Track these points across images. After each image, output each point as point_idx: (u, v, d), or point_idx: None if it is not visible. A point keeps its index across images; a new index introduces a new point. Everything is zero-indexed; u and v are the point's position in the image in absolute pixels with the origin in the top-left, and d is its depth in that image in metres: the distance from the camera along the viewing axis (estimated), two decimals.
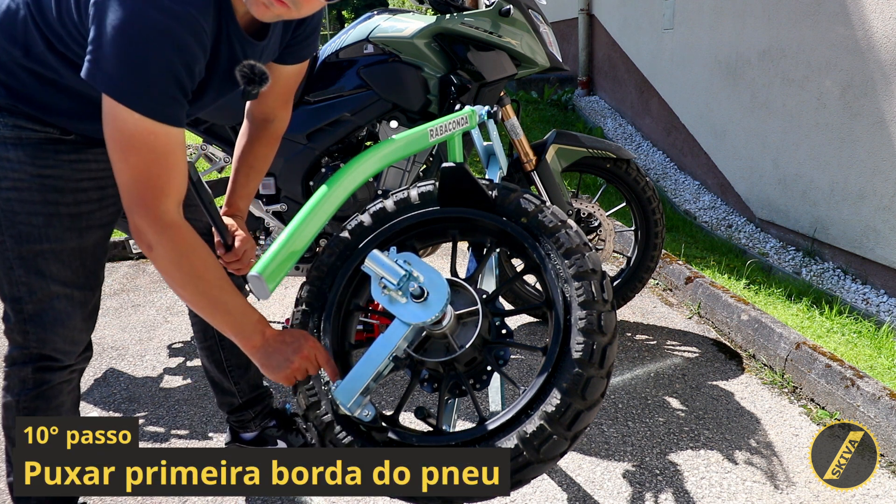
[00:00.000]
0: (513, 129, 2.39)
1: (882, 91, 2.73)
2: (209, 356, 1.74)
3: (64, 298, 1.37)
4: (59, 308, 1.37)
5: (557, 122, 5.77)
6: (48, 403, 1.43)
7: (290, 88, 1.53)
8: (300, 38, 1.41)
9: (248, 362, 1.75)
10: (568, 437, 1.11)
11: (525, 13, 2.28)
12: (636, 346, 2.53)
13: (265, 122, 1.52)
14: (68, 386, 1.47)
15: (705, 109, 4.20)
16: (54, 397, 1.43)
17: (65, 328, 1.39)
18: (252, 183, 1.56)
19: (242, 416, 1.80)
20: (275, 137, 1.56)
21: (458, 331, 1.22)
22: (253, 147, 1.53)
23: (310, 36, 1.43)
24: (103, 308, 2.93)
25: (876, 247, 2.86)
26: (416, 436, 1.21)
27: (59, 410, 1.45)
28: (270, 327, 1.23)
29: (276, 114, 1.53)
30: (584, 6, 6.18)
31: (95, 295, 1.45)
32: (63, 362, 1.42)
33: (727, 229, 3.79)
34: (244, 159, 1.54)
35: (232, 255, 1.47)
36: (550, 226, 1.25)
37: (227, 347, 1.72)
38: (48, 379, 1.42)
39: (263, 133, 1.53)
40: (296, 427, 1.86)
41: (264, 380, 1.83)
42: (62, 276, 1.35)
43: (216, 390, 1.79)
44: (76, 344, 1.43)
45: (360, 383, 1.16)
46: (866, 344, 2.38)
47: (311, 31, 1.43)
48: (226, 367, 1.74)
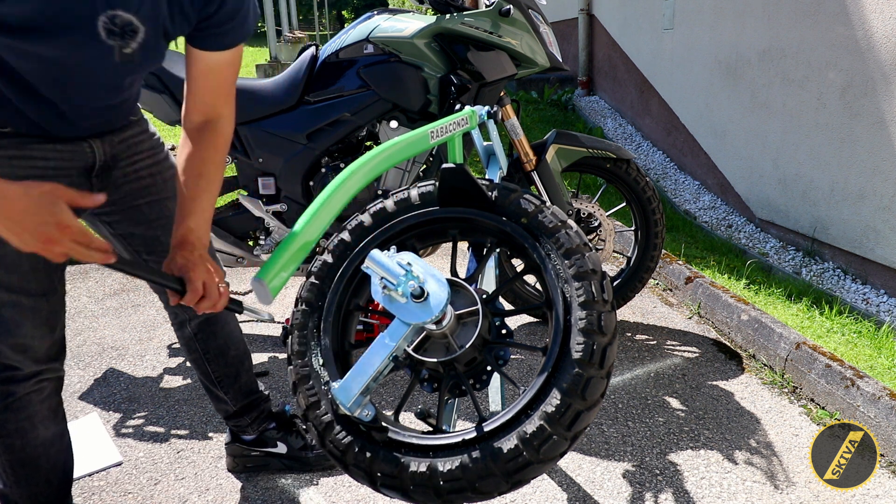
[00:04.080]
0: (513, 129, 2.39)
1: (882, 91, 2.73)
2: (196, 368, 1.71)
3: (10, 305, 1.27)
4: (5, 316, 1.27)
5: (557, 122, 5.77)
6: (17, 416, 1.35)
7: (226, 80, 1.34)
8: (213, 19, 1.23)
9: (236, 371, 1.72)
10: (568, 438, 1.11)
11: (525, 13, 2.28)
12: (636, 346, 2.53)
13: (208, 124, 1.34)
14: (38, 396, 1.38)
15: (705, 109, 4.20)
16: (22, 409, 1.36)
17: (12, 336, 1.29)
18: (204, 196, 1.31)
19: (239, 422, 1.78)
20: (223, 139, 1.36)
21: (458, 331, 1.22)
22: (199, 151, 1.32)
23: (226, 21, 1.25)
24: (103, 308, 2.93)
25: (876, 247, 2.86)
26: None
27: (32, 422, 1.38)
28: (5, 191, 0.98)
29: (217, 111, 1.35)
30: (584, 6, 6.18)
31: (50, 302, 1.33)
32: (23, 370, 1.33)
33: (727, 229, 3.79)
34: (190, 167, 1.31)
35: (191, 295, 1.23)
36: (550, 226, 1.25)
37: (211, 359, 1.69)
38: (12, 391, 1.33)
39: (208, 135, 1.34)
40: (296, 429, 1.85)
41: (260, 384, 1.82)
42: (7, 281, 1.26)
43: (210, 397, 1.77)
44: (26, 351, 1.32)
45: (359, 383, 1.17)
46: (866, 344, 2.38)
47: (227, 16, 1.24)
48: (213, 378, 1.71)
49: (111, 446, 1.98)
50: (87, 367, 2.45)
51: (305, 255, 1.21)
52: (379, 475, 1.14)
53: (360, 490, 1.77)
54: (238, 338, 1.73)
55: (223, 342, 1.69)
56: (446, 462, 1.11)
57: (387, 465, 1.14)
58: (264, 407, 1.81)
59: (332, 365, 1.26)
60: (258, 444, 1.82)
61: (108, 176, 1.40)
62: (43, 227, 0.99)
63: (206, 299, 1.25)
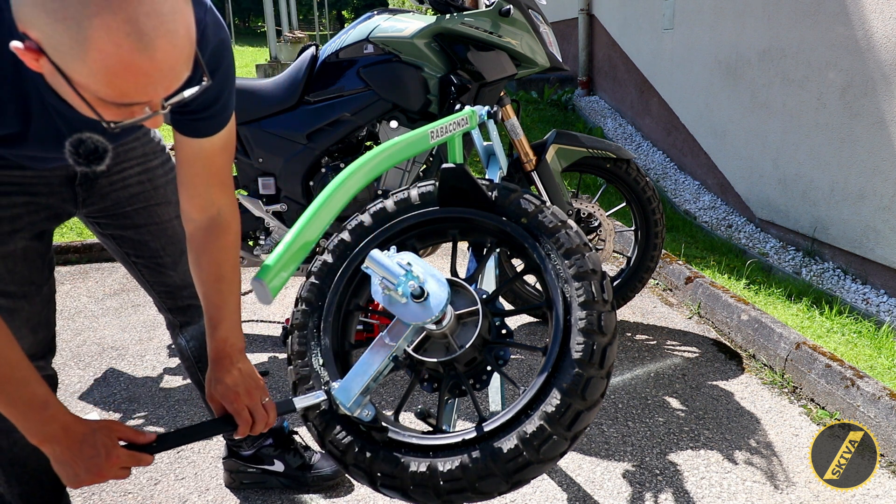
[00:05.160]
0: (513, 129, 2.39)
1: (882, 91, 2.73)
2: (190, 376, 1.66)
3: None
4: None
5: (557, 122, 5.77)
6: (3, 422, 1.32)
7: (219, 168, 1.23)
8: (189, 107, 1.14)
9: None
10: (568, 438, 1.11)
11: (525, 13, 2.28)
12: (636, 346, 2.53)
13: (210, 220, 1.24)
14: None
15: (705, 109, 4.20)
16: None
17: None
18: (230, 299, 1.24)
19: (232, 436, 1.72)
20: (232, 235, 1.26)
21: (458, 331, 1.22)
22: (212, 255, 1.23)
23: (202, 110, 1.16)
24: (103, 308, 2.93)
25: (876, 247, 2.86)
26: None
27: None
28: (70, 429, 1.04)
29: (215, 203, 1.23)
30: (584, 6, 6.18)
31: (31, 303, 1.29)
32: None
33: (727, 229, 3.79)
34: (207, 274, 1.23)
35: (243, 428, 1.18)
36: (550, 226, 1.25)
37: (204, 368, 1.61)
38: None
39: (216, 236, 1.24)
40: (293, 446, 1.79)
41: None
42: None
43: (206, 407, 1.71)
44: None
45: (359, 383, 1.16)
46: (866, 344, 2.38)
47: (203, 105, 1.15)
48: None
49: None
50: (87, 367, 2.45)
51: (305, 255, 1.21)
52: (379, 475, 1.14)
53: (360, 490, 1.77)
54: None
55: None
56: (446, 462, 1.11)
57: (387, 465, 1.14)
58: None
59: (332, 365, 1.26)
60: (255, 460, 1.76)
61: (94, 184, 1.36)
62: (95, 459, 1.05)
63: (257, 423, 1.20)
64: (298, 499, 1.75)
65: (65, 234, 3.66)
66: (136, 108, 0.88)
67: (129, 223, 1.43)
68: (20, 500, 1.42)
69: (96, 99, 0.84)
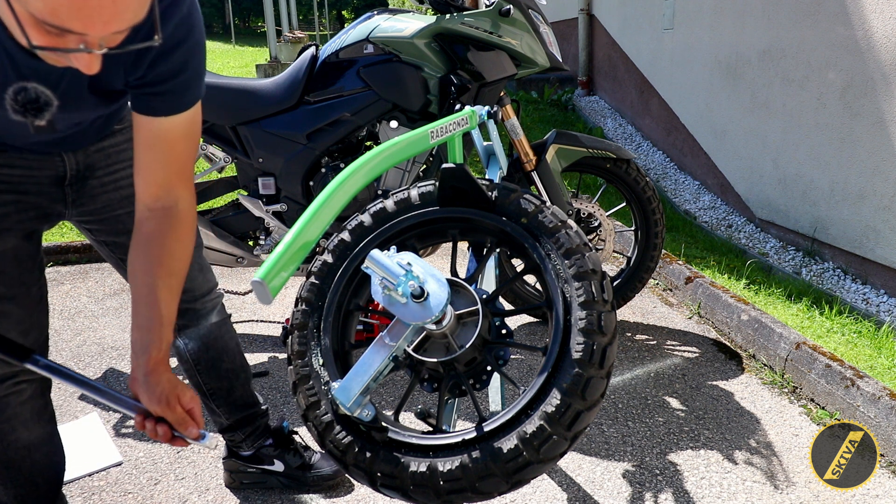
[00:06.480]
0: (513, 129, 2.39)
1: (882, 91, 2.74)
2: (189, 378, 1.65)
3: None
4: None
5: (557, 122, 5.77)
6: None
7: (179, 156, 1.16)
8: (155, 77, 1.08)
9: (230, 385, 1.65)
10: (568, 438, 1.11)
11: (525, 13, 2.28)
12: (636, 346, 2.53)
13: (164, 210, 1.17)
14: (18, 398, 1.33)
15: (705, 109, 4.20)
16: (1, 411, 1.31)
17: None
18: (176, 301, 1.17)
19: (233, 436, 1.72)
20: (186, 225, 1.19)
21: (458, 331, 1.22)
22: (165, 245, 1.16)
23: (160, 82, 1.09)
24: (103, 308, 2.93)
25: (876, 247, 2.86)
26: None
27: (12, 424, 1.34)
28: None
29: (173, 193, 1.17)
30: (584, 6, 6.18)
31: (19, 305, 1.27)
32: None
33: (727, 229, 3.79)
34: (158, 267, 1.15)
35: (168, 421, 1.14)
36: (550, 226, 1.25)
37: (203, 371, 1.62)
38: None
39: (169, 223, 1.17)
40: (293, 446, 1.77)
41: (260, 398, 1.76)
42: None
43: (205, 408, 1.68)
44: None
45: (359, 383, 1.16)
46: (866, 344, 2.38)
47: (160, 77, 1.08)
48: (205, 390, 1.64)
49: (111, 446, 1.98)
50: (87, 367, 2.45)
51: (305, 255, 1.21)
52: (379, 475, 1.14)
53: (360, 490, 1.77)
54: (233, 350, 1.65)
55: (215, 354, 1.61)
56: (446, 462, 1.11)
57: (387, 465, 1.14)
58: (260, 423, 1.74)
59: (332, 365, 1.26)
60: (255, 460, 1.75)
61: (84, 186, 1.33)
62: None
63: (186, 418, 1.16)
64: (298, 499, 1.75)
65: (65, 234, 3.66)
66: (70, 38, 0.80)
67: (121, 228, 1.40)
68: (15, 502, 1.41)
69: (27, 14, 0.76)
